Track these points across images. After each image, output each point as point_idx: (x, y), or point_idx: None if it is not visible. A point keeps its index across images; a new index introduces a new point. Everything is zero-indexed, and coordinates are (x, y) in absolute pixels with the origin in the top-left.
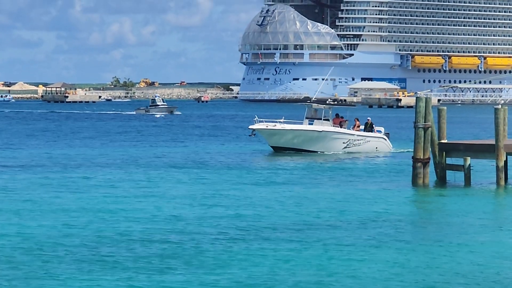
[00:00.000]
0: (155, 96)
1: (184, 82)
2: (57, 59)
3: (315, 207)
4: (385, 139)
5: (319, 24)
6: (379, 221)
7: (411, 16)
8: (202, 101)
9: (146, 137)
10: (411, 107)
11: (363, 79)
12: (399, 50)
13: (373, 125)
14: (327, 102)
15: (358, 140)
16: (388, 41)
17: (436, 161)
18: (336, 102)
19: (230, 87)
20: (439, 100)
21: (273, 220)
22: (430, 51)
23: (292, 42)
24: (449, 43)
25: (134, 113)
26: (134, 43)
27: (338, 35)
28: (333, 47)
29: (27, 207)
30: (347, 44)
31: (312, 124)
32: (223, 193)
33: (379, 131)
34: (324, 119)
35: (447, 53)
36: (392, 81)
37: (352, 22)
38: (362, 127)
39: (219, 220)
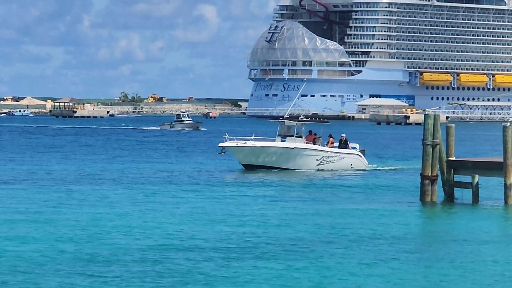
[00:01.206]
0: (181, 112)
1: (192, 97)
2: (66, 74)
3: (324, 223)
4: (360, 156)
5: (327, 40)
6: (386, 238)
7: (419, 33)
8: (210, 117)
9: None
10: (420, 124)
11: (371, 95)
12: (408, 67)
13: (348, 142)
14: (300, 118)
15: (332, 157)
16: (397, 58)
17: (444, 178)
18: (309, 119)
19: (239, 103)
20: (447, 118)
21: (273, 238)
22: (438, 68)
23: (300, 58)
24: (457, 60)
25: (159, 128)
26: (143, 58)
27: (346, 51)
28: (341, 64)
29: (22, 222)
30: (356, 60)
31: (284, 141)
32: (221, 210)
33: (354, 148)
34: (296, 136)
35: (455, 71)
36: (401, 98)
37: (361, 39)
38: (336, 144)
39: (212, 238)
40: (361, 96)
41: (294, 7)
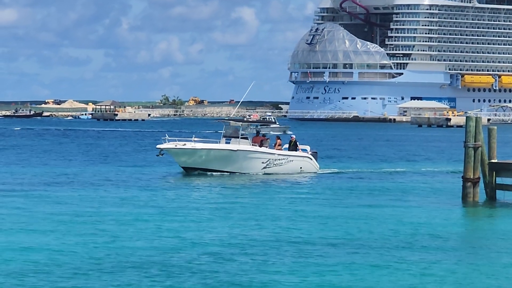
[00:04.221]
0: (266, 116)
1: (233, 100)
2: (105, 77)
3: (368, 225)
4: (311, 159)
5: (368, 43)
6: (427, 240)
7: (461, 35)
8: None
9: None
10: (461, 126)
11: (412, 98)
12: (449, 69)
13: (297, 144)
14: (245, 119)
15: (279, 159)
16: (438, 60)
17: (486, 181)
18: (255, 120)
19: (279, 105)
20: (489, 120)
21: (315, 239)
22: (480, 70)
23: (341, 61)
24: (499, 62)
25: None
26: (182, 61)
27: (387, 54)
28: (382, 66)
29: (26, 224)
30: (397, 63)
31: (229, 142)
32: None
33: (304, 150)
34: (242, 138)
35: (497, 73)
36: (442, 100)
37: (402, 41)
38: (286, 145)
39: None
40: (402, 98)
41: (334, 10)
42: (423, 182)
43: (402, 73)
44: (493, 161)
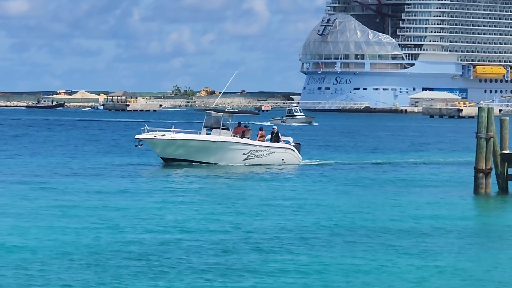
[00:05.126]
0: (292, 106)
1: (244, 91)
2: (117, 67)
3: (380, 214)
4: (293, 150)
5: (380, 33)
6: (438, 230)
7: (472, 25)
8: (263, 111)
9: None
10: (473, 117)
11: (424, 89)
12: (461, 60)
13: (280, 135)
14: (226, 109)
15: (261, 151)
16: (450, 51)
17: (498, 172)
18: (237, 110)
19: (291, 96)
20: (500, 110)
21: (328, 228)
22: (491, 61)
23: (353, 51)
24: (511, 53)
25: (269, 123)
26: (193, 52)
27: (399, 44)
28: (394, 57)
29: (25, 214)
30: (408, 53)
31: (210, 133)
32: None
33: (287, 141)
34: (223, 128)
35: (509, 63)
36: (453, 91)
37: (414, 31)
38: (269, 136)
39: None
40: (414, 89)
41: (346, 0)
42: (434, 174)
43: (413, 64)
44: (505, 152)
